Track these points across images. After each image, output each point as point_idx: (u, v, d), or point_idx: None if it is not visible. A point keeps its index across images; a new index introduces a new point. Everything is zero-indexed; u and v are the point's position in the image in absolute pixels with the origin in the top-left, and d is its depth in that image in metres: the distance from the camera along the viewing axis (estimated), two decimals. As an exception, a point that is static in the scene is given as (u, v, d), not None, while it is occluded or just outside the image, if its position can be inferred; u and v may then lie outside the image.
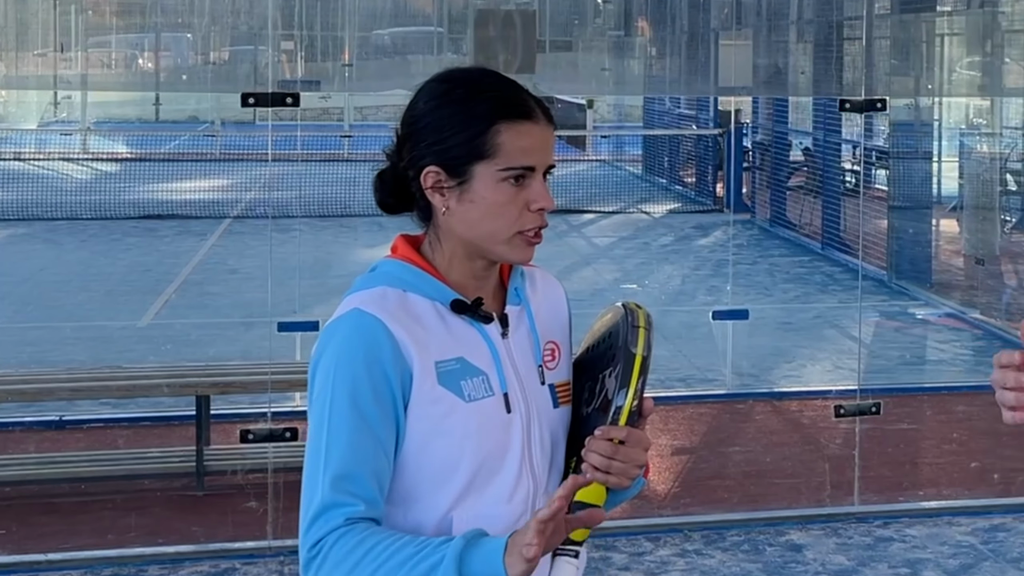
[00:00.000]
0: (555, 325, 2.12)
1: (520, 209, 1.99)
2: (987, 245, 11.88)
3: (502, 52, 6.96)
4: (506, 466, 2.00)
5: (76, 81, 11.82)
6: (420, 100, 2.03)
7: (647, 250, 14.37)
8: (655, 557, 5.56)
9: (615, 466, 1.96)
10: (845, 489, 6.27)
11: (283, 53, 11.40)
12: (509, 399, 2.00)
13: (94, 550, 5.53)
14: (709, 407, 7.86)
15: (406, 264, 2.03)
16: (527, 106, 2.01)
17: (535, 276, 2.14)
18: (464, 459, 1.97)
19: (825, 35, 12.72)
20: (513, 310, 2.07)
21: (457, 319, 2.01)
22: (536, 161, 2.00)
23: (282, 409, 6.63)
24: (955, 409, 7.94)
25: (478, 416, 1.98)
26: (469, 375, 1.98)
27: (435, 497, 1.97)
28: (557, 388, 2.08)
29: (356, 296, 2.00)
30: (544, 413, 2.05)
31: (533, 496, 2.02)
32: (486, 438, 1.98)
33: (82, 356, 8.81)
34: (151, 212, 15.90)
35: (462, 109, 1.99)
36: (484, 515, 1.97)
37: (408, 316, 1.97)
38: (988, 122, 13.77)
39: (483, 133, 1.97)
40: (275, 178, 16.43)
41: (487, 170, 1.98)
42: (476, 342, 2.01)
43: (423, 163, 2.00)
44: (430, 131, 2.00)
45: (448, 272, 2.03)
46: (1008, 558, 5.59)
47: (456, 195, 1.99)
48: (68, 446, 6.93)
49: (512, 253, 2.01)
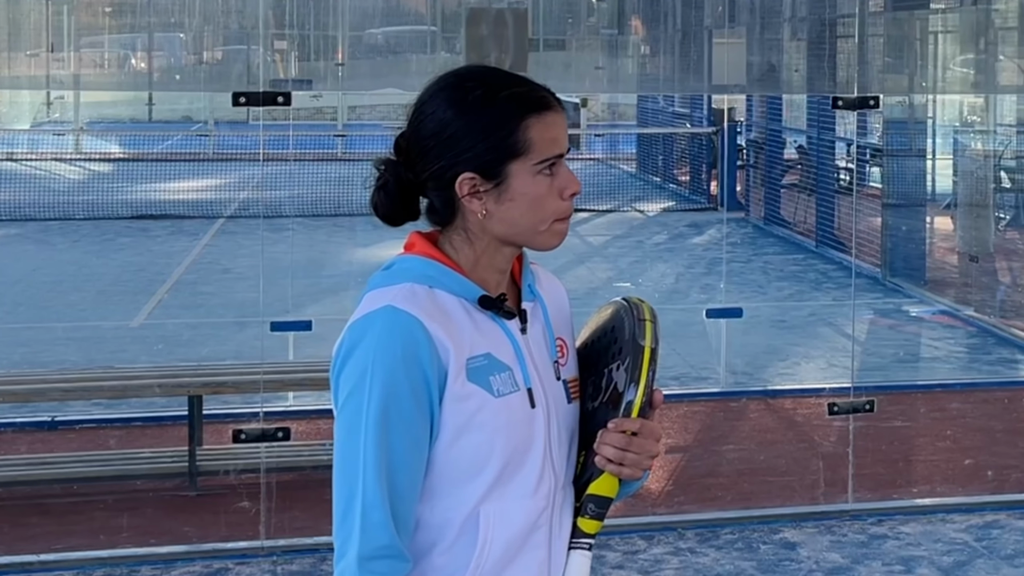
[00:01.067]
0: (561, 322, 2.13)
1: (555, 198, 2.02)
2: (981, 242, 11.87)
3: (494, 51, 6.94)
4: (530, 460, 2.01)
5: (69, 81, 11.79)
6: (437, 110, 2.01)
7: (641, 248, 14.36)
8: (649, 555, 5.55)
9: (629, 457, 2.00)
10: (839, 487, 6.26)
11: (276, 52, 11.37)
12: (533, 394, 2.02)
13: (86, 551, 5.51)
14: (703, 405, 7.85)
15: (431, 261, 2.02)
16: (545, 97, 2.04)
17: (539, 274, 2.16)
18: (494, 454, 1.98)
19: (818, 32, 12.73)
20: (529, 306, 2.08)
21: (483, 315, 2.02)
22: (563, 148, 2.03)
23: (275, 409, 6.62)
24: (949, 406, 7.94)
25: (506, 411, 1.99)
26: (497, 371, 2.00)
27: (464, 492, 1.98)
28: (569, 384, 2.10)
29: (384, 292, 1.98)
30: (561, 408, 2.07)
31: (554, 490, 2.04)
32: (513, 433, 1.99)
33: (74, 357, 8.79)
34: (144, 212, 15.87)
35: (487, 113, 1.99)
36: (510, 509, 1.99)
37: (440, 312, 1.97)
38: (982, 119, 13.77)
39: (515, 132, 1.99)
40: (268, 178, 16.42)
41: (523, 167, 2.00)
42: (500, 338, 2.02)
43: (454, 172, 1.99)
44: (458, 140, 1.99)
45: (472, 270, 2.04)
46: (1002, 555, 5.58)
47: (494, 197, 2.00)
48: (60, 447, 6.91)
49: (548, 240, 2.04)
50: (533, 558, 2.02)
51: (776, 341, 9.61)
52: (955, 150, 13.53)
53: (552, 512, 2.03)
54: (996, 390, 8.32)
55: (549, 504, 2.03)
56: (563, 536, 2.05)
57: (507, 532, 1.99)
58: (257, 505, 5.68)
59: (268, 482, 5.66)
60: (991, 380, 8.54)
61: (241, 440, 5.70)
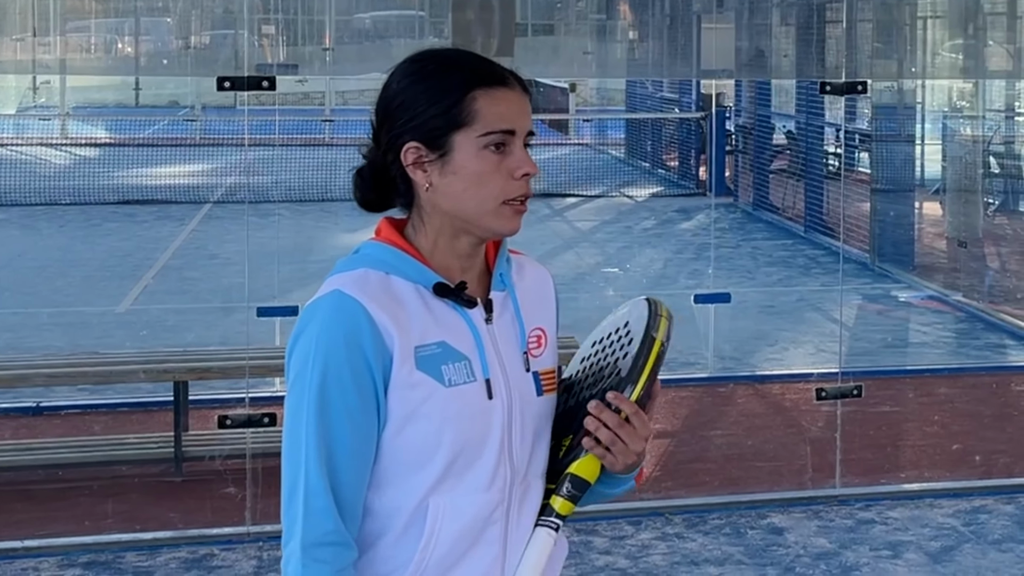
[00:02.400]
0: (542, 312, 2.10)
1: (504, 177, 1.97)
2: (970, 228, 11.87)
3: (480, 35, 6.90)
4: (485, 454, 1.97)
5: (55, 66, 11.74)
6: (393, 82, 2.02)
7: (629, 234, 14.34)
8: (636, 541, 5.53)
9: (617, 444, 1.96)
10: (827, 472, 6.25)
11: (264, 37, 11.33)
12: (491, 385, 1.98)
13: (71, 536, 5.48)
14: (691, 391, 7.84)
15: (388, 246, 2.00)
16: (501, 74, 2.01)
17: (523, 263, 2.12)
18: (443, 445, 1.94)
19: (807, 18, 12.70)
20: (498, 296, 2.04)
21: (440, 303, 1.98)
22: (515, 125, 1.98)
23: (260, 395, 6.59)
24: (937, 391, 7.93)
25: (458, 402, 1.95)
26: (451, 360, 1.96)
27: (411, 482, 1.94)
28: (542, 376, 2.05)
29: (337, 278, 1.97)
30: (527, 401, 2.02)
31: (511, 485, 1.99)
32: (466, 424, 1.95)
33: (59, 342, 8.75)
34: (130, 197, 15.80)
35: (436, 82, 1.97)
36: (460, 502, 1.96)
37: (390, 299, 1.94)
38: (971, 105, 13.76)
39: (459, 101, 1.96)
40: (256, 163, 16.36)
41: (467, 138, 1.96)
42: (459, 327, 1.98)
43: (401, 141, 1.98)
44: (406, 108, 1.98)
45: (432, 255, 2.00)
46: (989, 540, 5.58)
47: (438, 168, 1.97)
48: (45, 432, 6.88)
49: (499, 224, 1.99)
50: (486, 554, 1.97)
51: (764, 326, 9.60)
52: (944, 135, 13.52)
53: (509, 508, 1.99)
54: (984, 375, 8.32)
55: (504, 499, 1.98)
56: (521, 532, 2.00)
57: (456, 525, 1.95)
58: (243, 491, 5.66)
59: (254, 468, 5.64)
60: (979, 365, 8.54)
61: (227, 426, 5.68)
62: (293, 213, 14.53)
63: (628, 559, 5.36)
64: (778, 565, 5.31)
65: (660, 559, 5.35)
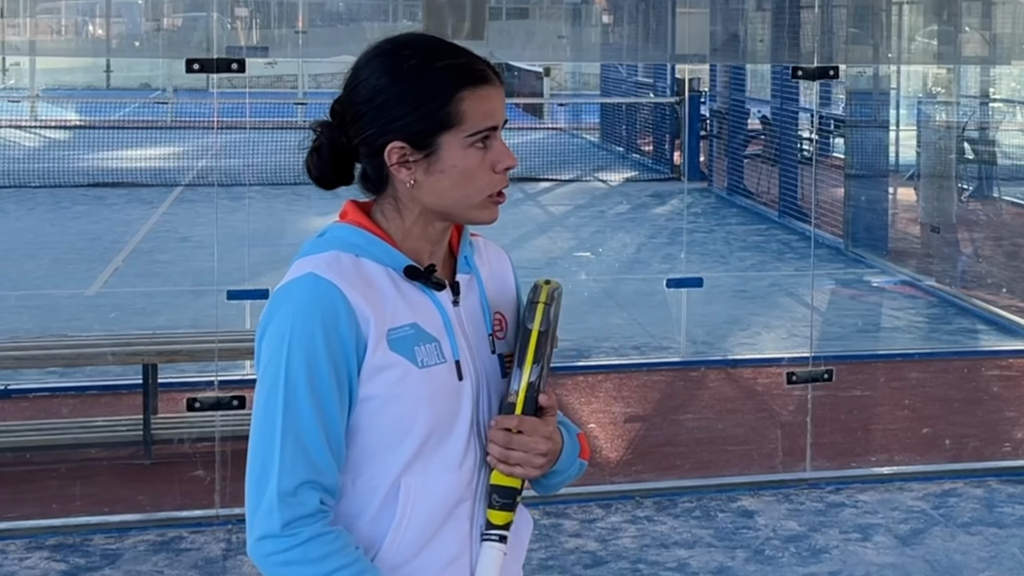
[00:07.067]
0: (503, 297, 2.10)
1: (488, 171, 1.99)
2: (944, 213, 11.90)
3: (452, 18, 6.87)
4: (455, 433, 1.98)
5: (25, 47, 11.62)
6: (371, 77, 1.98)
7: (603, 218, 14.33)
8: (606, 524, 5.53)
9: (513, 456, 1.98)
10: (797, 455, 6.26)
11: (236, 19, 11.25)
12: (460, 366, 1.99)
13: (39, 519, 5.45)
14: (662, 374, 7.84)
15: (358, 229, 1.99)
16: (483, 70, 2.00)
17: (480, 246, 2.12)
18: (415, 425, 1.95)
19: (782, 2, 12.68)
20: (463, 278, 2.05)
21: (410, 285, 1.99)
22: (498, 120, 2.00)
23: (230, 378, 6.56)
24: (908, 376, 7.95)
25: (430, 382, 1.96)
26: (422, 341, 1.96)
27: (386, 462, 1.95)
28: (505, 358, 2.06)
29: (309, 260, 1.96)
30: (493, 382, 2.04)
31: (480, 464, 2.01)
32: (437, 404, 1.96)
33: (28, 325, 8.69)
34: (100, 180, 15.71)
35: (421, 82, 1.96)
36: (432, 482, 1.97)
37: (363, 281, 1.94)
38: (946, 91, 13.78)
39: (448, 103, 1.96)
40: (227, 146, 16.27)
41: (454, 138, 1.96)
42: (428, 309, 1.99)
43: (384, 140, 1.97)
44: (389, 107, 1.96)
45: (403, 240, 2.01)
46: (958, 523, 5.59)
47: (424, 167, 1.97)
48: (13, 415, 6.83)
49: (482, 215, 2.01)
50: (457, 531, 1.99)
51: (737, 311, 9.60)
52: (919, 121, 13.54)
53: (477, 486, 2.01)
54: (955, 360, 8.35)
55: (474, 478, 2.01)
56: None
57: (429, 505, 1.97)
58: (212, 474, 5.63)
59: (223, 450, 5.61)
60: (951, 350, 8.56)
61: (196, 408, 5.65)
62: (264, 196, 14.46)
63: (598, 542, 5.35)
64: (748, 548, 5.31)
65: (630, 542, 5.35)
